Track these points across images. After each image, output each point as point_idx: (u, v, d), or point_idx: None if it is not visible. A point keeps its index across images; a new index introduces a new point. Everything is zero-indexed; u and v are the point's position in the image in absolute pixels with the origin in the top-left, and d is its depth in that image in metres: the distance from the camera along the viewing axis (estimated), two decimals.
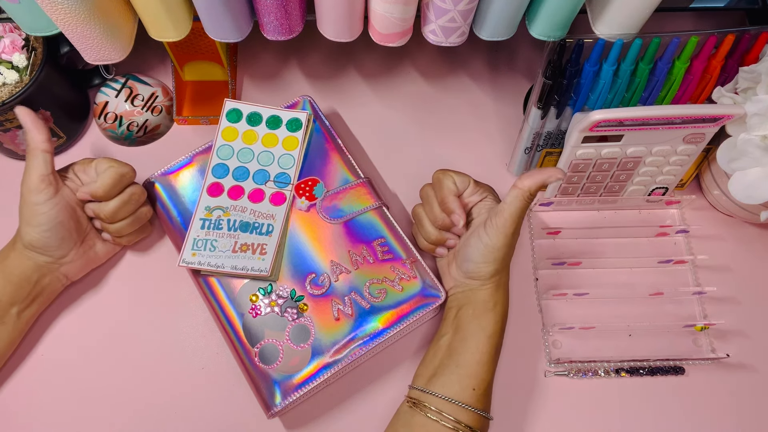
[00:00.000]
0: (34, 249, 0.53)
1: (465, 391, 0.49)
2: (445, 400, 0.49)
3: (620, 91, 0.55)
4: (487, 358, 0.51)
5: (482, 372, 0.50)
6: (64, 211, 0.53)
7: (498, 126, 0.69)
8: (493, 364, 0.52)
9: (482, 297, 0.53)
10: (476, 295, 0.53)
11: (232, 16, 0.51)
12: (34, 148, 0.52)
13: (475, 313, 0.53)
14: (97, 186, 0.53)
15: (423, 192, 0.58)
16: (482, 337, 0.51)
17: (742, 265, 0.63)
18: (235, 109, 0.60)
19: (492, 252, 0.52)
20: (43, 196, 0.52)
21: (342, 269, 0.56)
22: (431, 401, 0.49)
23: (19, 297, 0.54)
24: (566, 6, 0.50)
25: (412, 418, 0.50)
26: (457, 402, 0.49)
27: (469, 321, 0.52)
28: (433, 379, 0.51)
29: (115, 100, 0.65)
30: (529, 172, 0.50)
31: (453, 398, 0.49)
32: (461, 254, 0.54)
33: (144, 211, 0.58)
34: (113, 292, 0.60)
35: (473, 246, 0.53)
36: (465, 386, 0.50)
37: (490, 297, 0.53)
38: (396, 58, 0.72)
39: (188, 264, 0.55)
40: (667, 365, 0.57)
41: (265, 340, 0.53)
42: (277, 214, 0.57)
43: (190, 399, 0.56)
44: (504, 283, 0.54)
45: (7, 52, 0.58)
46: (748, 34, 0.53)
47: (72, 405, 0.56)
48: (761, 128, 0.50)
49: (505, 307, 0.54)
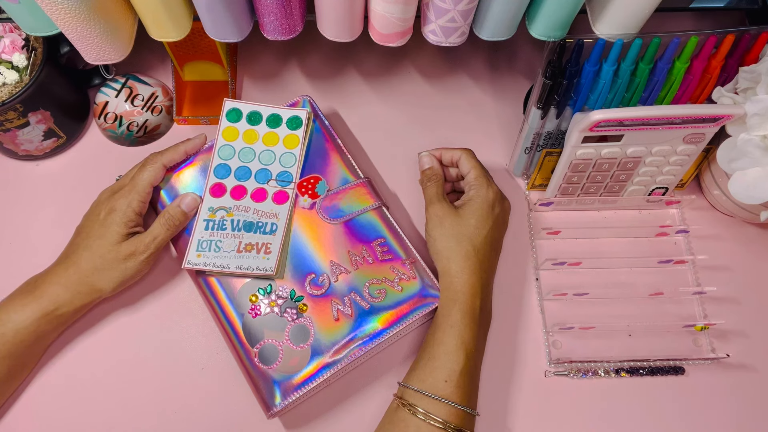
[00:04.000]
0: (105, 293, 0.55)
1: (437, 383, 0.50)
2: (421, 394, 0.50)
3: (620, 91, 0.55)
4: (452, 347, 0.51)
5: (449, 362, 0.50)
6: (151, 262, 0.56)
7: (498, 126, 0.69)
8: (461, 353, 0.51)
9: (444, 293, 0.54)
10: (443, 293, 0.54)
11: (232, 16, 0.51)
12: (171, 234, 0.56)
13: (441, 308, 0.54)
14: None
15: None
16: (445, 327, 0.52)
17: (742, 265, 0.63)
18: (235, 108, 0.60)
19: (456, 237, 0.54)
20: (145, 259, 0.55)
21: (342, 269, 0.56)
22: (409, 396, 0.50)
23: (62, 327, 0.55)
24: (566, 6, 0.50)
25: (395, 414, 0.51)
26: (430, 395, 0.49)
27: (438, 317, 0.53)
28: (412, 374, 0.52)
29: (115, 100, 0.65)
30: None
31: (427, 391, 0.50)
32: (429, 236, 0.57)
33: None
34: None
35: (434, 228, 0.56)
36: (437, 378, 0.50)
37: (450, 293, 0.53)
38: (396, 58, 0.72)
39: (193, 265, 0.55)
40: (667, 365, 0.57)
41: (264, 341, 0.53)
42: (280, 212, 0.57)
43: (190, 399, 0.56)
44: (468, 278, 0.53)
45: (7, 52, 0.58)
46: (748, 34, 0.53)
47: (72, 405, 0.56)
48: (761, 128, 0.50)
49: (467, 298, 0.53)
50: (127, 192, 0.55)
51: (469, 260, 0.54)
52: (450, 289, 0.53)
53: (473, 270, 0.54)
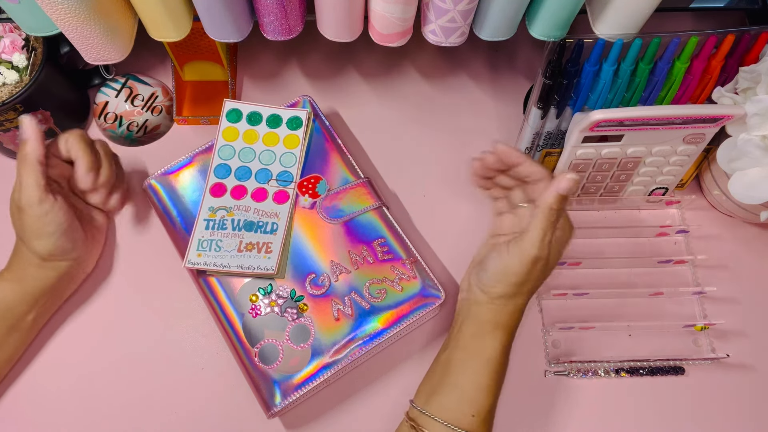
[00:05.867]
0: (54, 258, 0.53)
1: (464, 418, 0.47)
2: (443, 425, 0.46)
3: (620, 91, 0.55)
4: (487, 383, 0.48)
5: (482, 398, 0.48)
6: (67, 210, 0.53)
7: (498, 126, 0.69)
8: (495, 389, 0.48)
9: (484, 316, 0.50)
10: (480, 311, 0.50)
11: (232, 16, 0.51)
12: (33, 160, 0.50)
13: (475, 332, 0.50)
14: (83, 164, 0.53)
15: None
16: (480, 362, 0.48)
17: (742, 265, 0.63)
18: (235, 109, 0.60)
19: (506, 275, 0.48)
20: (47, 204, 0.51)
21: (342, 269, 0.56)
22: (430, 426, 0.47)
23: (38, 305, 0.54)
24: (566, 6, 0.50)
25: None
26: (456, 428, 0.46)
27: (469, 341, 0.50)
28: (432, 398, 0.48)
29: (115, 100, 0.65)
30: (548, 188, 0.46)
31: (452, 424, 0.46)
32: (483, 260, 0.51)
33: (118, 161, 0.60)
34: (113, 292, 0.60)
35: (493, 259, 0.49)
36: (464, 412, 0.47)
37: (491, 318, 0.49)
38: (396, 58, 0.72)
39: (194, 265, 0.55)
40: (667, 365, 0.57)
41: (265, 340, 0.53)
42: (280, 212, 0.57)
43: (190, 399, 0.56)
44: (512, 309, 0.49)
45: (7, 52, 0.58)
46: (748, 34, 0.53)
47: (72, 405, 0.56)
48: (761, 128, 0.50)
49: (508, 333, 0.50)
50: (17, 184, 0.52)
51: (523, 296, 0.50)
52: (490, 321, 0.49)
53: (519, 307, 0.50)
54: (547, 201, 0.46)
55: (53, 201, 0.51)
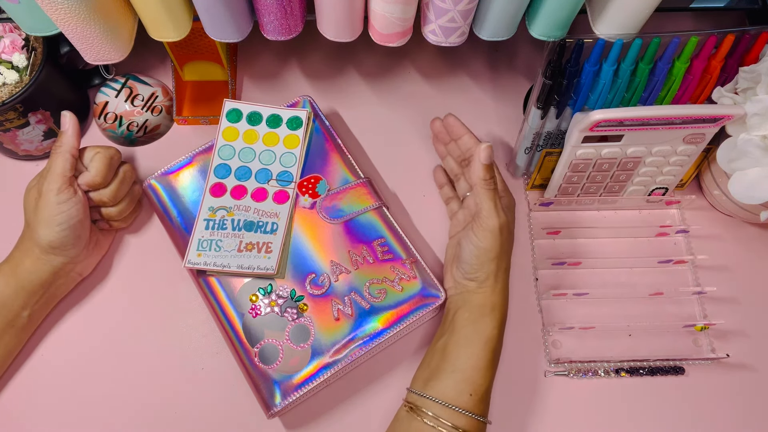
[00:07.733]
0: (53, 251, 0.54)
1: (462, 396, 0.49)
2: (442, 405, 0.48)
3: (620, 91, 0.55)
4: (484, 363, 0.50)
5: (479, 377, 0.50)
6: (82, 208, 0.54)
7: (498, 126, 0.69)
8: (491, 369, 0.51)
9: (478, 300, 0.52)
10: (473, 297, 0.53)
11: (232, 16, 0.51)
12: (65, 150, 0.53)
13: (471, 317, 0.52)
14: (93, 174, 0.55)
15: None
16: (478, 342, 0.51)
17: (742, 265, 0.63)
18: (235, 109, 0.60)
19: (484, 255, 0.52)
20: (66, 195, 0.53)
21: (342, 269, 0.56)
22: (428, 406, 0.49)
23: (32, 301, 0.55)
24: (566, 6, 0.50)
25: (410, 423, 0.49)
26: (454, 407, 0.48)
27: (465, 325, 0.52)
28: (430, 383, 0.50)
29: (115, 100, 0.65)
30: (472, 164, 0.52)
31: (450, 403, 0.48)
32: (458, 255, 0.54)
33: (136, 188, 0.61)
34: (113, 293, 0.60)
35: (465, 248, 0.53)
36: (461, 391, 0.49)
37: (486, 300, 0.52)
38: (396, 58, 0.72)
39: (194, 265, 0.55)
40: (667, 365, 0.57)
41: (264, 340, 0.53)
42: (281, 212, 0.57)
43: (190, 399, 0.56)
44: (501, 287, 0.53)
45: (7, 52, 0.58)
46: (748, 34, 0.53)
47: (72, 405, 0.56)
48: (761, 128, 0.50)
49: (502, 311, 0.53)
50: (45, 170, 0.54)
51: (504, 269, 0.53)
52: (485, 304, 0.52)
53: (504, 283, 0.53)
54: (478, 175, 0.51)
55: (73, 193, 0.53)
